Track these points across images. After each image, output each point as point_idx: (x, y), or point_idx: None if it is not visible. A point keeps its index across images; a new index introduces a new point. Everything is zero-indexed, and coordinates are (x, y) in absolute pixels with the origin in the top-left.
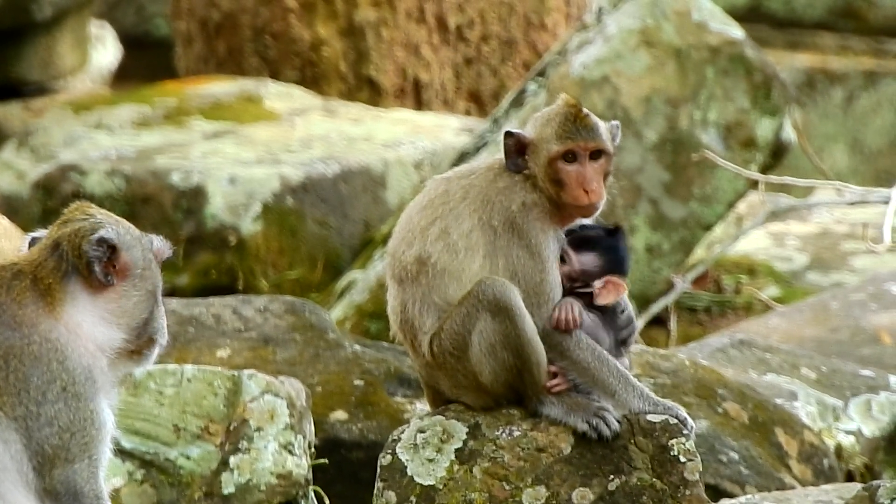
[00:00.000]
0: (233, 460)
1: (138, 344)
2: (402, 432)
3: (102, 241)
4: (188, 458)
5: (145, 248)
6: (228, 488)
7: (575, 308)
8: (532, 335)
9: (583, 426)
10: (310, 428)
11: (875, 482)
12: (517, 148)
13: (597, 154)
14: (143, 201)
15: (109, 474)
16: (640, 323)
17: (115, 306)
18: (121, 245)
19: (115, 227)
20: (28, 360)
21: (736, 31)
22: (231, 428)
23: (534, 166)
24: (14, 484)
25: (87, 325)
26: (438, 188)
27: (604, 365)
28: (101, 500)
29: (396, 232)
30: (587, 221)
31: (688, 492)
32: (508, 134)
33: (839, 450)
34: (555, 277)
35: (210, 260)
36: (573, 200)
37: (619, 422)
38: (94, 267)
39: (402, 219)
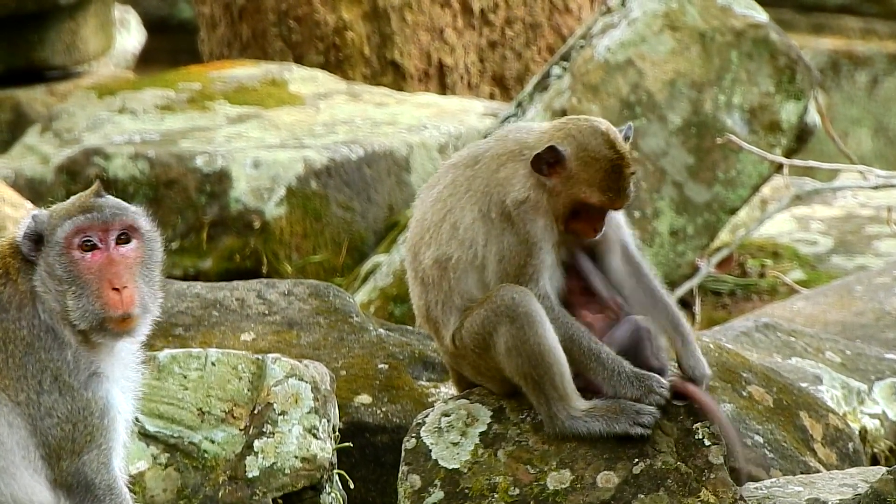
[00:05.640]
0: (257, 444)
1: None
2: (427, 416)
3: (33, 218)
4: (212, 441)
5: (48, 238)
6: (253, 472)
7: None
8: (552, 344)
9: (636, 430)
10: (334, 411)
11: None
12: (554, 158)
13: None
14: (166, 185)
15: (133, 458)
16: None
17: (44, 292)
18: (41, 229)
19: (50, 214)
20: (22, 345)
21: (760, 15)
22: (255, 412)
23: (558, 185)
24: (23, 466)
25: (52, 310)
26: (447, 177)
27: (574, 344)
28: (114, 489)
29: (414, 227)
30: None
31: (712, 475)
32: (551, 148)
33: (864, 433)
34: (541, 262)
35: (234, 244)
36: (580, 232)
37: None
38: (21, 239)
39: (417, 211)
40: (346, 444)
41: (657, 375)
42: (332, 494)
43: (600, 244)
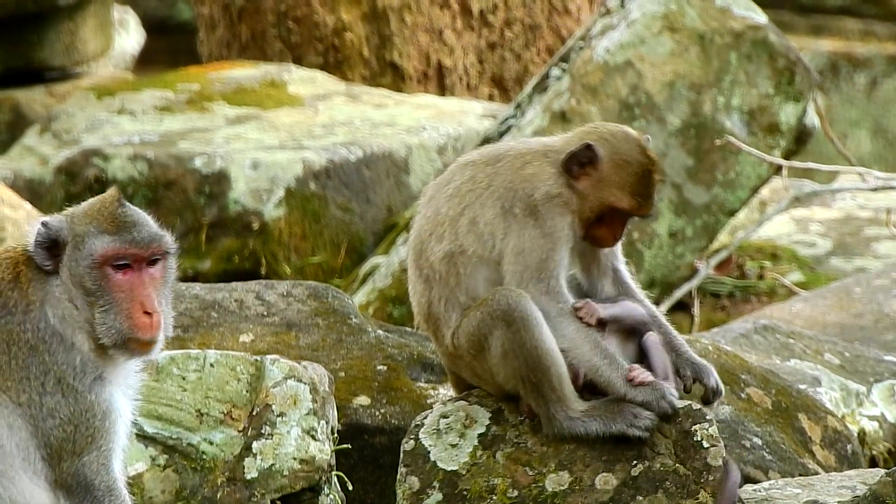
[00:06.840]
0: (256, 445)
1: (107, 342)
2: (425, 417)
3: (44, 226)
4: (211, 443)
5: (77, 247)
6: (251, 473)
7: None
8: (550, 346)
9: (633, 431)
10: (333, 413)
11: None
12: (588, 158)
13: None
14: (165, 186)
15: (132, 459)
16: (663, 308)
17: (67, 299)
18: (59, 238)
19: (68, 219)
20: (25, 348)
21: (759, 16)
22: (254, 413)
23: (587, 188)
24: (22, 469)
25: (71, 316)
26: (464, 174)
27: (591, 345)
28: (113, 491)
29: (423, 222)
30: None
31: (711, 477)
32: (589, 146)
33: (862, 435)
34: (561, 258)
35: (233, 245)
36: (599, 239)
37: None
38: (33, 249)
39: (427, 207)
40: (345, 445)
41: (666, 384)
42: (331, 496)
43: (594, 266)
